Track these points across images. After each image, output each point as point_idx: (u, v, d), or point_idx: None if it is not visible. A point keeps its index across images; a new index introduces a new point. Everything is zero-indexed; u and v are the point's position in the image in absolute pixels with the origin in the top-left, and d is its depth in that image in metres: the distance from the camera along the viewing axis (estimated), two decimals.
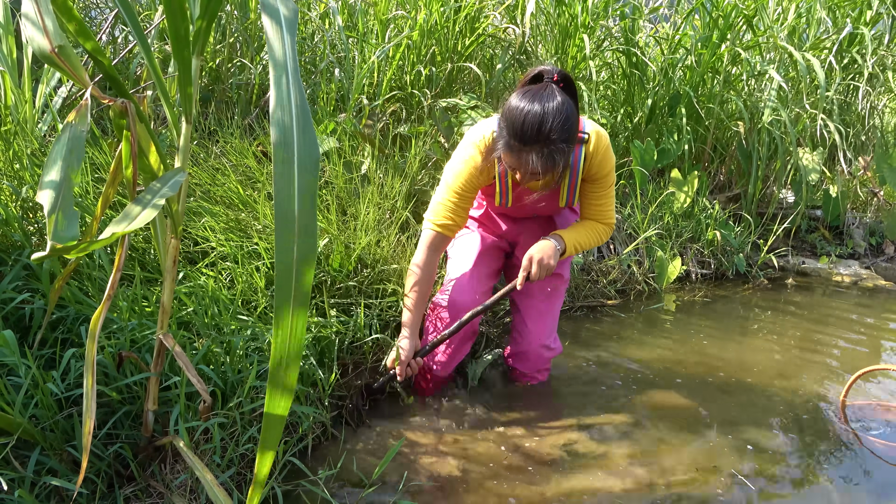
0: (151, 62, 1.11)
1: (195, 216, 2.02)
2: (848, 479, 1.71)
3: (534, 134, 1.53)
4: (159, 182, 0.98)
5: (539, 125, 1.52)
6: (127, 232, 0.88)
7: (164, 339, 1.22)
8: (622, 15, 3.65)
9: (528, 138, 1.54)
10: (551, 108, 1.53)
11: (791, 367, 2.39)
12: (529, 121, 1.53)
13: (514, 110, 1.56)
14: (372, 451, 1.68)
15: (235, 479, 1.42)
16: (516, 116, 1.55)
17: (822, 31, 3.77)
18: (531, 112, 1.53)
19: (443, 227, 1.82)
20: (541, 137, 1.53)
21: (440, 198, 1.83)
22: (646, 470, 1.67)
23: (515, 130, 1.55)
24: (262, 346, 1.63)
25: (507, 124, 1.58)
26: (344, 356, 1.87)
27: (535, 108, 1.53)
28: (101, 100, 0.96)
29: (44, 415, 1.26)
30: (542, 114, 1.52)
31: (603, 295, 3.03)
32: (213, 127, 2.67)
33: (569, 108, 1.56)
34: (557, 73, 1.61)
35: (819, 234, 4.12)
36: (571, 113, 1.57)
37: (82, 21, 0.97)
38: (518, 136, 1.55)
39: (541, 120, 1.52)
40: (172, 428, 1.32)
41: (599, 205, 1.90)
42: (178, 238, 1.20)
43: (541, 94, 1.55)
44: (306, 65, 3.19)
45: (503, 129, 1.61)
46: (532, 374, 2.11)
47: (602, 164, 1.80)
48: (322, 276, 1.96)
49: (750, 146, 3.66)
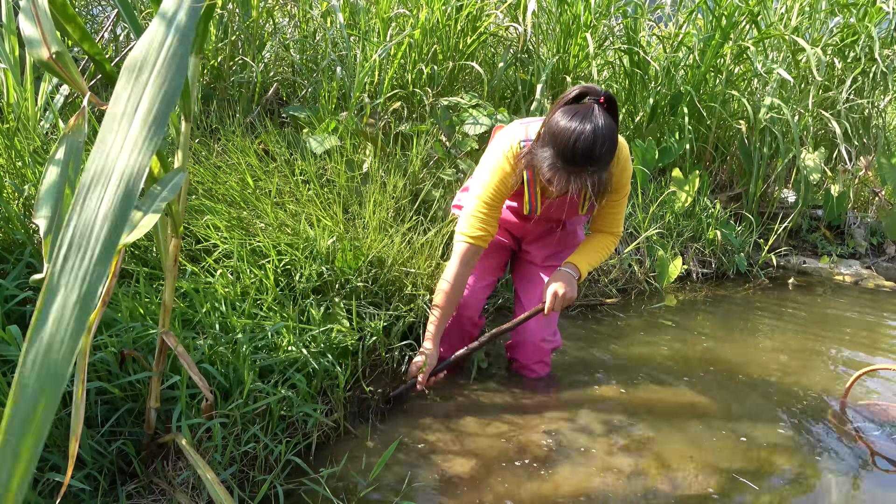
0: None
1: (197, 214, 2.03)
2: (848, 478, 1.71)
3: (585, 157, 1.53)
4: (160, 185, 0.98)
5: (591, 148, 1.52)
6: (129, 242, 0.88)
7: (166, 337, 1.23)
8: (624, 14, 3.65)
9: (579, 160, 1.54)
10: (601, 132, 1.53)
11: (791, 366, 2.39)
12: (581, 143, 1.52)
13: (563, 131, 1.55)
14: (379, 450, 1.68)
15: (237, 476, 1.42)
16: (567, 137, 1.54)
17: (824, 31, 3.77)
18: (583, 134, 1.52)
19: (476, 238, 1.83)
20: (592, 160, 1.54)
21: (471, 209, 1.83)
22: (645, 468, 1.67)
23: (566, 152, 1.55)
24: (266, 344, 1.63)
25: (556, 145, 1.57)
26: (357, 357, 1.87)
27: (587, 131, 1.52)
28: (101, 106, 0.96)
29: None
30: (593, 137, 1.52)
31: (603, 294, 3.03)
32: (215, 125, 2.67)
33: (614, 130, 1.57)
34: (604, 95, 1.59)
35: (820, 234, 4.12)
36: (616, 136, 1.58)
37: (83, 25, 0.97)
38: (568, 158, 1.55)
39: (592, 143, 1.52)
40: (175, 425, 1.33)
41: (612, 213, 1.93)
42: (179, 237, 1.20)
43: (590, 116, 1.54)
44: (308, 63, 3.19)
45: (548, 148, 1.59)
46: (531, 366, 2.13)
47: (622, 174, 1.82)
48: (329, 276, 1.96)
49: (751, 145, 3.66)
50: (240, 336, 1.54)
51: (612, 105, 1.62)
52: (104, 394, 1.36)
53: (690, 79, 3.63)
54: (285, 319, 1.72)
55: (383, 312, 1.98)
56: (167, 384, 1.38)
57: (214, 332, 1.55)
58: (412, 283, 2.12)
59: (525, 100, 3.33)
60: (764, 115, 3.44)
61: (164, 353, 1.28)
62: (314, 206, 2.18)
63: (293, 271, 1.92)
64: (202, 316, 1.58)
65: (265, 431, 1.50)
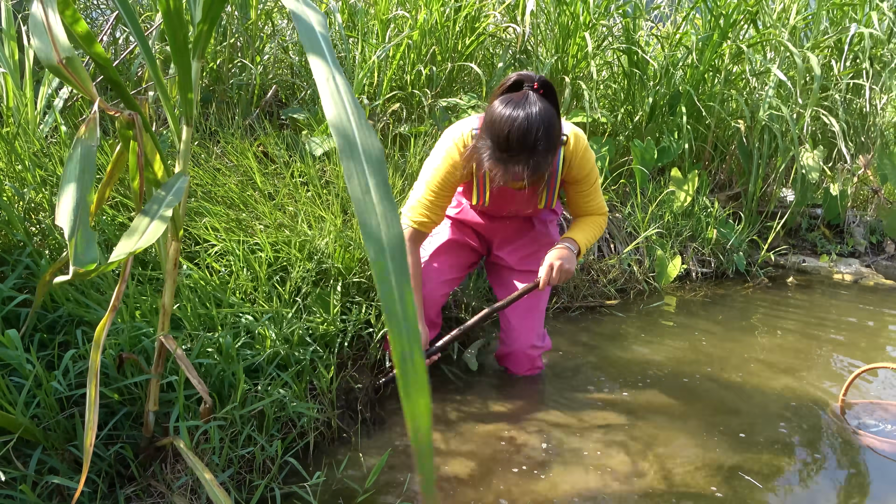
0: (153, 66, 1.11)
1: (196, 216, 2.03)
2: (847, 476, 1.71)
3: (519, 144, 1.53)
4: (164, 190, 0.99)
5: (524, 135, 1.52)
6: (138, 250, 0.89)
7: (166, 341, 1.23)
8: (623, 13, 3.65)
9: (514, 147, 1.54)
10: (535, 118, 1.52)
11: (791, 365, 2.39)
12: (514, 131, 1.52)
13: (497, 120, 1.55)
14: (378, 448, 1.69)
15: (235, 478, 1.43)
16: (500, 126, 1.54)
17: (822, 31, 3.77)
18: (517, 121, 1.52)
19: (419, 224, 1.83)
20: (526, 147, 1.53)
21: (418, 195, 1.83)
22: (645, 468, 1.68)
23: (500, 141, 1.55)
24: (251, 339, 1.64)
25: (491, 134, 1.57)
26: (344, 351, 1.88)
27: (520, 118, 1.52)
28: (109, 111, 0.96)
29: (45, 414, 1.28)
30: (526, 124, 1.51)
31: (603, 294, 3.03)
32: (214, 127, 2.68)
33: (551, 115, 1.55)
34: (537, 81, 1.58)
35: (819, 233, 4.12)
36: (554, 120, 1.57)
37: (89, 29, 0.97)
38: (503, 146, 1.55)
39: (526, 129, 1.51)
40: (172, 426, 1.33)
41: (588, 201, 1.92)
42: (179, 241, 1.21)
43: (523, 103, 1.53)
44: (307, 64, 3.19)
45: (486, 138, 1.60)
46: (524, 373, 2.15)
47: (582, 164, 1.81)
48: (328, 271, 1.97)
49: (750, 145, 3.66)
50: (225, 336, 1.52)
51: (550, 90, 1.60)
52: (102, 398, 1.36)
53: (689, 78, 3.63)
54: (273, 311, 1.71)
55: (366, 302, 1.97)
56: (168, 384, 1.38)
57: (199, 332, 1.55)
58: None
59: None
60: (764, 113, 3.43)
61: (163, 357, 1.29)
62: (313, 206, 2.18)
63: (290, 268, 1.92)
64: (189, 314, 1.58)
65: (260, 432, 1.50)
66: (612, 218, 3.38)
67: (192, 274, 1.73)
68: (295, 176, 2.35)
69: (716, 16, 3.49)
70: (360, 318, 1.90)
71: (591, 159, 1.83)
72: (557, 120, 1.59)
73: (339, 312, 1.86)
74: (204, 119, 2.71)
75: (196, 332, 1.53)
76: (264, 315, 1.67)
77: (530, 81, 1.58)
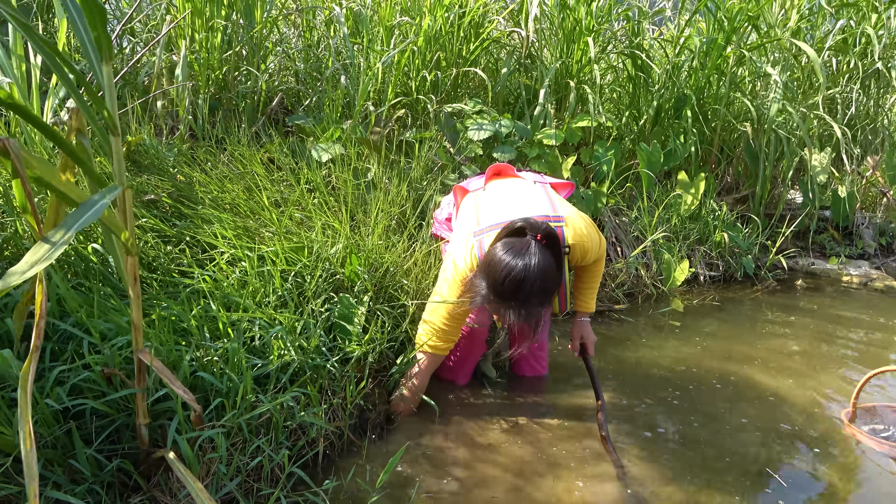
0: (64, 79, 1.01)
1: (205, 224, 2.04)
2: (858, 480, 1.69)
3: (512, 294, 1.51)
4: (71, 217, 0.90)
5: (518, 286, 1.50)
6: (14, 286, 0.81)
7: (142, 355, 1.23)
8: (627, 18, 3.65)
9: (507, 296, 1.52)
10: (532, 271, 1.49)
11: (801, 368, 2.37)
12: (510, 281, 1.50)
13: (497, 264, 1.53)
14: (383, 459, 1.68)
15: (242, 487, 1.42)
16: (496, 272, 1.52)
17: (824, 32, 3.75)
18: (514, 271, 1.49)
19: (436, 349, 1.85)
20: (519, 297, 1.52)
21: (434, 321, 1.82)
22: (651, 471, 1.66)
23: (496, 286, 1.53)
24: (263, 347, 1.63)
25: (487, 277, 1.56)
26: (364, 366, 1.88)
27: (518, 269, 1.49)
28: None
29: (43, 431, 1.27)
30: (522, 275, 1.49)
31: (611, 299, 3.02)
32: (221, 135, 2.69)
33: (550, 269, 1.52)
34: (541, 231, 1.54)
35: (828, 235, 4.09)
36: (552, 274, 1.53)
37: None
38: (497, 293, 1.54)
39: (521, 280, 1.49)
40: (171, 438, 1.33)
41: (593, 265, 1.95)
42: (135, 255, 1.17)
43: (523, 252, 1.51)
44: (312, 72, 3.20)
45: (482, 278, 1.58)
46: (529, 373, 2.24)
47: (585, 259, 1.83)
48: (340, 280, 1.97)
49: (757, 147, 3.64)
50: (231, 344, 1.51)
51: (553, 242, 1.56)
52: (97, 410, 1.35)
53: (694, 82, 3.62)
54: (287, 322, 1.71)
55: (387, 316, 1.97)
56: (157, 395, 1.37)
57: (203, 340, 1.54)
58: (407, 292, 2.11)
59: (529, 105, 3.33)
60: (776, 115, 3.41)
61: (143, 371, 1.28)
62: (322, 213, 2.18)
63: (304, 278, 1.92)
64: (193, 322, 1.57)
65: (269, 442, 1.50)
66: (619, 222, 3.36)
67: (206, 278, 1.73)
68: (301, 183, 2.36)
69: (719, 19, 3.48)
70: (384, 337, 1.90)
71: (594, 250, 1.82)
72: (556, 273, 1.56)
73: (362, 332, 1.86)
74: (211, 127, 2.72)
75: (202, 342, 1.53)
76: (277, 323, 1.67)
77: (534, 231, 1.54)
